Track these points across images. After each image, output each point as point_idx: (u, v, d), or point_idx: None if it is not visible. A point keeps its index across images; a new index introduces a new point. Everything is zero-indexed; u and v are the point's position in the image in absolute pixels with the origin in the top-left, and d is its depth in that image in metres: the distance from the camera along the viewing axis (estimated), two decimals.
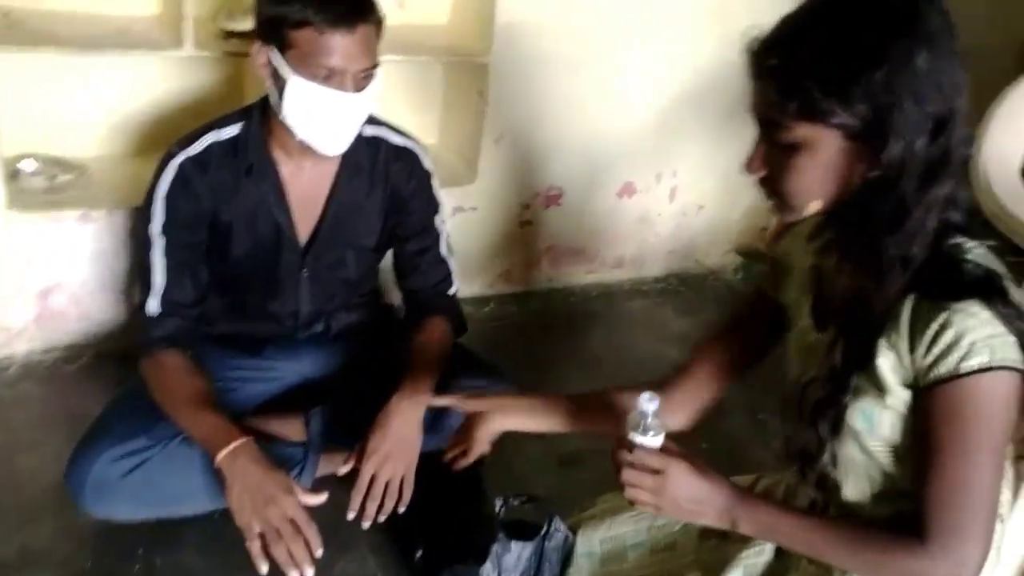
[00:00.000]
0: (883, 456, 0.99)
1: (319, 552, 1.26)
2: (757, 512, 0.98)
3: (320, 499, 1.32)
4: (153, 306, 1.45)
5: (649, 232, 2.62)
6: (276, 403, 1.68)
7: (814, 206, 0.95)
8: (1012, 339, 0.86)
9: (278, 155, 1.49)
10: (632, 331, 2.41)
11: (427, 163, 1.62)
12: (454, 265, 1.69)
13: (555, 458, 1.84)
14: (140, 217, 1.48)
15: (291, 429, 1.63)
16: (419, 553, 1.48)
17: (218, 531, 1.53)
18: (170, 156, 1.46)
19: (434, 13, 2.24)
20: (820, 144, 0.89)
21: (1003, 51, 2.97)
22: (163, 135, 2.05)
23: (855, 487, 1.04)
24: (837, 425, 0.97)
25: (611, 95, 2.35)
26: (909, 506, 0.95)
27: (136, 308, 1.48)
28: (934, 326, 0.87)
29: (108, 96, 1.99)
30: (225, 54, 1.91)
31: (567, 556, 1.32)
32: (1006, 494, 1.05)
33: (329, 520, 1.58)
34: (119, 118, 2.04)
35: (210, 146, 1.46)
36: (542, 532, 1.31)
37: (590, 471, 1.81)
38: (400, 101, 2.22)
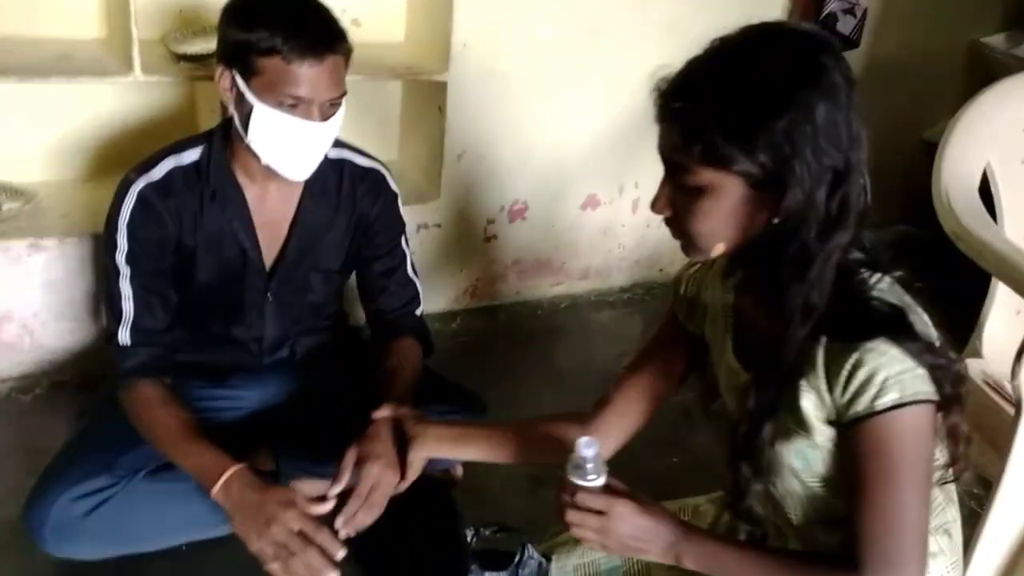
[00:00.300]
0: (820, 490, 1.01)
1: (339, 554, 1.22)
2: (700, 546, 0.98)
3: (324, 508, 1.28)
4: (124, 336, 1.43)
5: (613, 243, 2.63)
6: (241, 430, 1.65)
7: (719, 248, 0.96)
8: (922, 371, 0.88)
9: (242, 179, 1.46)
10: (601, 343, 2.41)
11: (392, 184, 1.61)
12: (420, 286, 1.68)
13: (527, 479, 1.83)
14: (103, 246, 1.46)
15: (259, 459, 1.60)
16: None
17: (186, 565, 1.51)
18: (129, 183, 1.43)
19: (390, 31, 2.23)
20: (723, 189, 0.91)
21: (949, 53, 3.04)
22: (113, 160, 2.02)
23: (803, 516, 1.06)
24: (758, 466, 0.99)
25: (571, 109, 2.36)
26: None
27: (107, 339, 1.46)
28: (847, 366, 0.89)
29: (54, 120, 1.95)
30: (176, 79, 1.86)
31: None
32: (951, 512, 1.08)
33: None
34: (66, 143, 1.99)
35: (171, 171, 1.43)
36: (515, 560, 1.30)
37: None
38: (358, 119, 2.18)
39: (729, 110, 0.88)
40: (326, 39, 1.31)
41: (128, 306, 1.42)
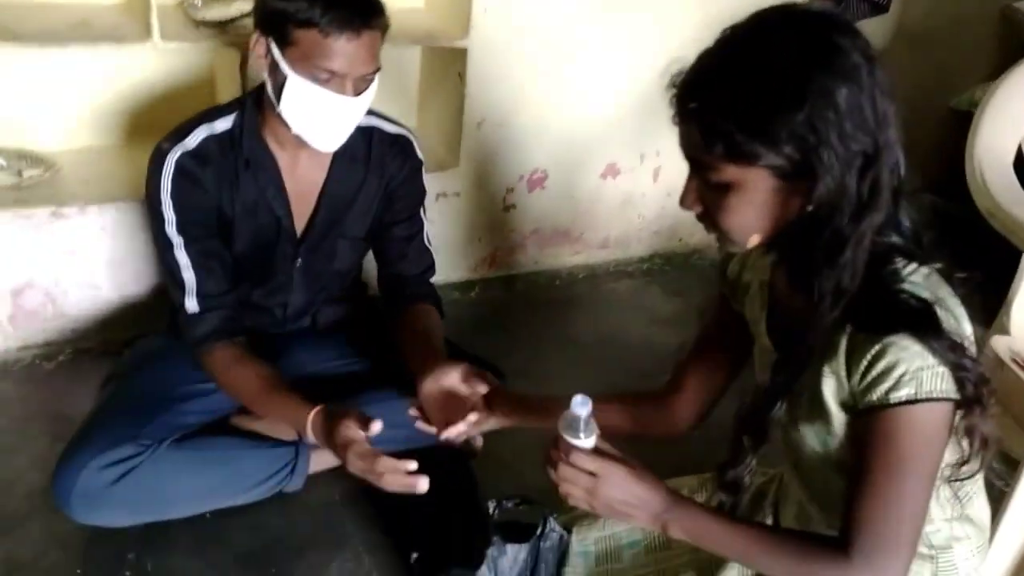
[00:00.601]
0: (835, 473, 1.01)
1: (411, 465, 1.23)
2: (689, 517, 0.99)
3: (374, 429, 1.27)
4: (192, 305, 1.44)
5: (633, 213, 2.60)
6: None
7: (755, 239, 0.95)
8: (943, 370, 0.87)
9: (273, 147, 1.47)
10: (620, 313, 2.40)
11: (419, 152, 1.61)
12: (434, 256, 1.69)
13: (543, 449, 1.82)
14: (150, 220, 1.46)
15: (283, 427, 1.61)
16: (415, 556, 1.47)
17: (210, 532, 1.53)
18: (164, 152, 1.42)
19: None
20: (750, 183, 0.89)
21: (981, 19, 2.96)
22: (132, 127, 2.01)
23: (826, 496, 1.06)
24: (758, 440, 1.00)
25: (592, 75, 2.31)
26: None
27: (175, 309, 1.47)
28: (868, 356, 0.89)
29: (72, 87, 1.92)
30: (196, 44, 1.84)
31: (563, 556, 1.33)
32: (979, 501, 1.08)
33: (323, 518, 1.59)
34: (85, 110, 1.97)
35: (206, 139, 1.43)
36: (537, 533, 1.31)
37: None
38: (377, 86, 2.17)
39: (746, 105, 0.85)
40: (364, 13, 1.30)
41: (189, 275, 1.44)
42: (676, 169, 2.53)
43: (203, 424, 1.54)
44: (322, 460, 1.65)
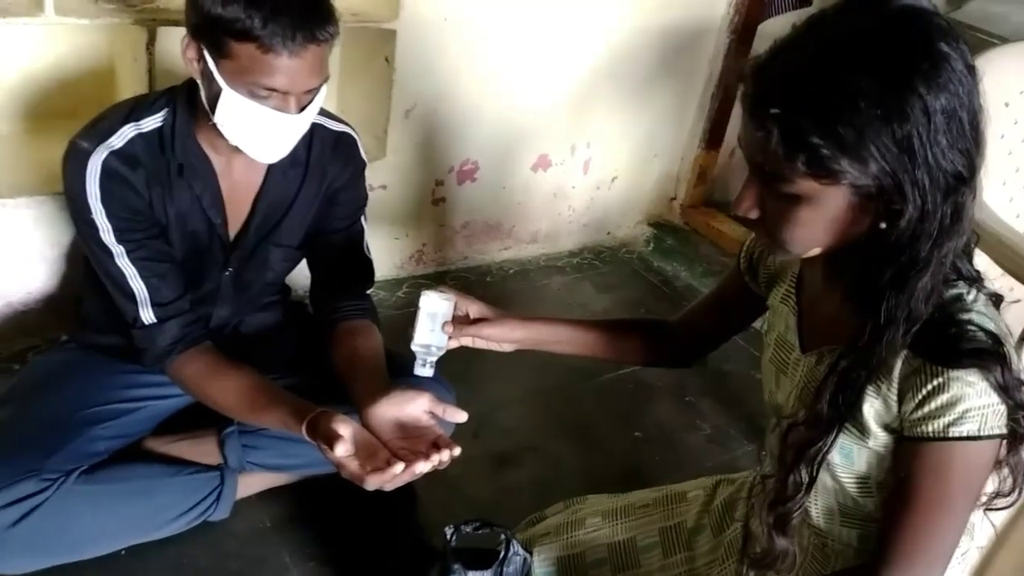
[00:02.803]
0: (852, 486, 0.98)
1: (397, 467, 1.10)
2: None
3: (340, 451, 1.12)
4: (147, 316, 1.29)
5: (564, 206, 2.54)
6: (184, 418, 1.50)
7: (814, 252, 0.89)
8: (1003, 408, 0.84)
9: (207, 149, 1.30)
10: (553, 310, 2.34)
11: (363, 153, 1.47)
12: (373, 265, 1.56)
13: (488, 458, 1.76)
14: (80, 230, 1.28)
15: (204, 450, 1.47)
16: None
17: (126, 573, 1.37)
18: (85, 153, 1.23)
19: None
20: (825, 199, 0.82)
21: None
22: (21, 115, 1.78)
23: (823, 510, 1.03)
24: (814, 471, 0.94)
25: (527, 64, 2.22)
26: (872, 529, 0.97)
27: (130, 324, 1.31)
28: (929, 386, 0.85)
29: None
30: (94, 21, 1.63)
31: None
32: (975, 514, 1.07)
33: (255, 548, 1.46)
34: None
35: (133, 139, 1.25)
36: (500, 558, 1.22)
37: (528, 471, 1.75)
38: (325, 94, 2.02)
39: (839, 117, 0.76)
40: (310, 25, 1.13)
41: (138, 284, 1.28)
42: (606, 161, 2.53)
43: (115, 450, 1.37)
44: (251, 484, 1.52)
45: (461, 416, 1.20)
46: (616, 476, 1.73)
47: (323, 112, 1.40)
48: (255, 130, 1.20)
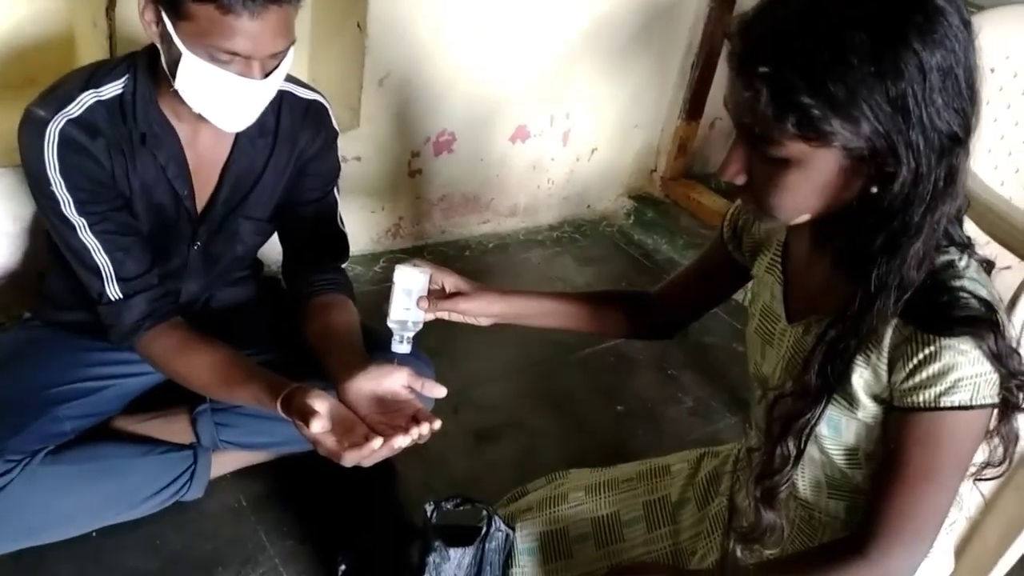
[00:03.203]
0: (839, 458, 0.96)
1: (375, 442, 1.06)
2: None
3: (316, 427, 1.07)
4: (113, 291, 1.24)
5: (543, 178, 2.50)
6: (155, 396, 1.46)
7: (802, 218, 0.86)
8: (995, 376, 0.82)
9: (171, 117, 1.24)
10: (533, 285, 2.31)
11: (334, 122, 1.41)
12: (348, 237, 1.51)
13: (471, 436, 1.73)
14: (40, 202, 1.22)
15: (176, 428, 1.43)
16: (342, 568, 1.33)
17: (97, 555, 1.34)
18: (42, 121, 1.16)
19: None
20: (816, 162, 0.79)
21: None
22: None
23: (810, 481, 1.01)
24: (802, 443, 0.92)
25: (505, 31, 2.17)
26: (860, 501, 0.95)
27: (96, 300, 1.25)
28: (920, 355, 0.82)
29: None
30: None
31: (508, 556, 1.23)
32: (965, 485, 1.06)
33: (230, 528, 1.43)
34: None
35: (93, 106, 1.19)
36: (481, 534, 1.20)
37: (509, 447, 1.73)
38: (292, 59, 1.95)
39: (829, 75, 0.73)
40: None
41: (102, 258, 1.22)
42: (585, 132, 2.49)
43: (82, 430, 1.33)
44: (225, 462, 1.48)
45: (440, 391, 1.17)
46: (599, 450, 1.71)
47: (292, 79, 1.35)
48: (218, 96, 1.14)
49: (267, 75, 1.15)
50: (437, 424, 1.10)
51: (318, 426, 1.06)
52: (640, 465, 1.32)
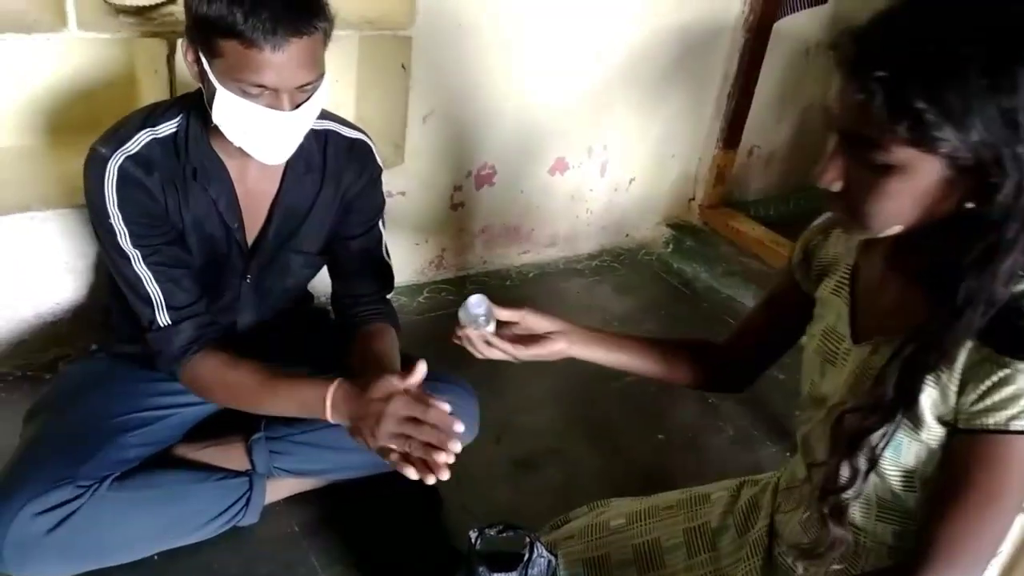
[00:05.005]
0: (895, 480, 0.96)
1: (458, 427, 1.14)
2: None
3: (418, 376, 1.20)
4: (163, 318, 1.31)
5: (581, 208, 2.55)
6: (212, 425, 1.52)
7: (895, 229, 0.87)
8: None
9: (221, 153, 1.32)
10: (573, 314, 2.31)
11: (379, 159, 1.48)
12: (393, 268, 1.57)
13: (510, 462, 1.76)
14: (99, 234, 1.30)
15: (232, 456, 1.49)
16: None
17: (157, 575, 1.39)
18: (103, 159, 1.25)
19: None
20: (919, 170, 0.80)
21: None
22: (46, 127, 1.82)
23: (861, 504, 1.00)
24: (874, 459, 0.92)
25: (540, 66, 2.24)
26: (910, 526, 0.95)
27: (147, 328, 1.33)
28: (993, 378, 0.83)
29: None
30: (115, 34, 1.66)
31: None
32: None
33: (283, 553, 1.48)
34: None
35: (149, 143, 1.28)
36: (524, 560, 1.23)
37: (551, 475, 1.76)
38: (324, 91, 2.04)
39: (947, 83, 0.75)
40: (294, 19, 1.12)
41: (154, 288, 1.30)
42: (623, 162, 2.54)
43: (145, 457, 1.39)
44: (278, 489, 1.53)
45: (445, 407, 1.19)
46: (640, 479, 1.73)
47: (337, 119, 1.42)
48: (251, 129, 1.21)
49: (297, 106, 1.20)
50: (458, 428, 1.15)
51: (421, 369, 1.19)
52: (680, 493, 1.34)
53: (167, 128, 1.29)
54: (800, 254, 1.14)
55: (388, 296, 1.56)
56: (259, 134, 1.22)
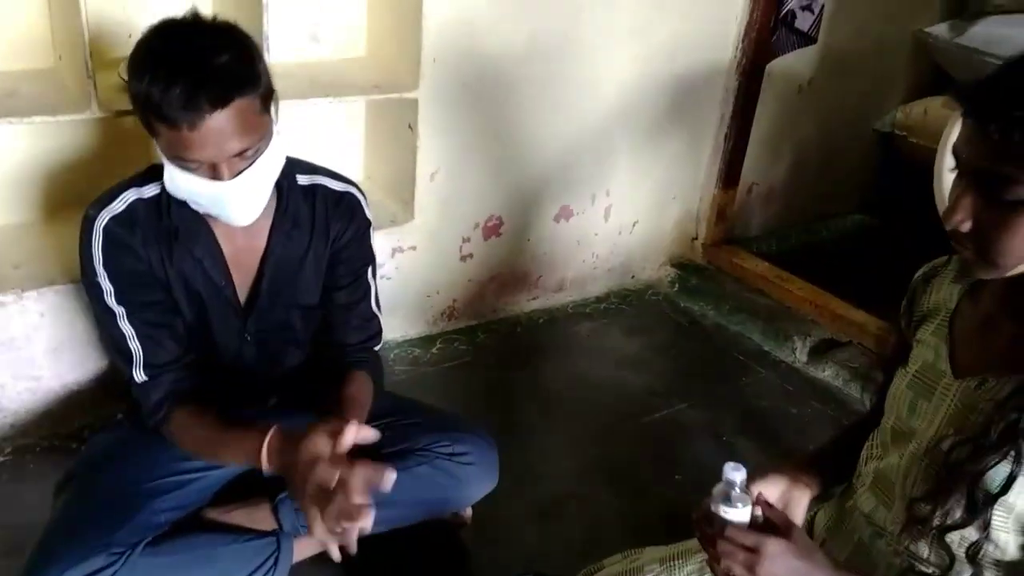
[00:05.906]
0: (998, 519, 0.94)
1: (385, 487, 1.11)
2: None
3: (348, 441, 1.15)
4: (140, 375, 1.35)
5: (587, 253, 2.60)
6: (239, 487, 1.55)
7: (1019, 268, 0.88)
8: None
9: (205, 215, 1.35)
10: (585, 358, 2.38)
11: (367, 212, 1.50)
12: (382, 321, 1.57)
13: (535, 509, 1.78)
14: (88, 291, 1.35)
15: (259, 517, 1.51)
16: None
17: None
18: (91, 220, 1.31)
19: (351, 47, 2.13)
20: None
21: (898, 46, 3.11)
22: (63, 201, 1.88)
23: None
24: (974, 492, 0.91)
25: (543, 120, 2.31)
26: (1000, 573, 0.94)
27: (127, 385, 1.37)
28: None
29: None
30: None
31: None
32: None
33: None
34: (10, 184, 1.84)
35: (133, 203, 1.33)
36: None
37: (573, 522, 1.77)
38: (316, 140, 2.11)
39: None
40: (206, 92, 1.10)
41: (135, 345, 1.34)
42: (626, 206, 2.59)
43: (175, 521, 1.42)
44: (305, 548, 1.55)
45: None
46: (662, 519, 1.74)
47: (327, 172, 1.46)
48: (200, 198, 1.24)
49: (238, 173, 1.20)
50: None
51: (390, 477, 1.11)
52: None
53: (152, 189, 1.34)
54: (907, 301, 1.15)
55: (375, 348, 1.57)
56: (210, 203, 1.25)
